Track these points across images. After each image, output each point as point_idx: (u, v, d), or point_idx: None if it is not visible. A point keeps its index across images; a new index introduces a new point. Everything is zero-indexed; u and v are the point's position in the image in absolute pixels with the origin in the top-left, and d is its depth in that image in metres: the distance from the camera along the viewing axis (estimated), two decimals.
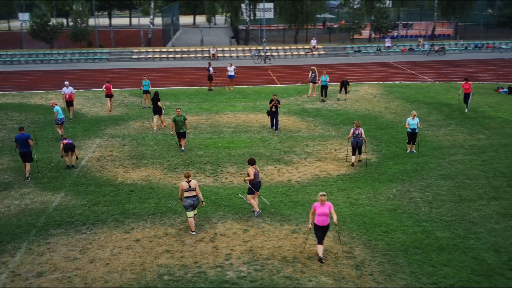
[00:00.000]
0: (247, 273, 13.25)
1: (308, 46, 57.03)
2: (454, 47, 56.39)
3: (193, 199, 15.21)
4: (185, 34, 75.64)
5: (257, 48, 56.69)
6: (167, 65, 51.52)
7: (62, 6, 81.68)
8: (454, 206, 17.09)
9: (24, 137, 19.99)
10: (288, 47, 57.11)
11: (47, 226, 16.07)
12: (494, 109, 30.32)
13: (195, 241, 14.99)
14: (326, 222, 13.54)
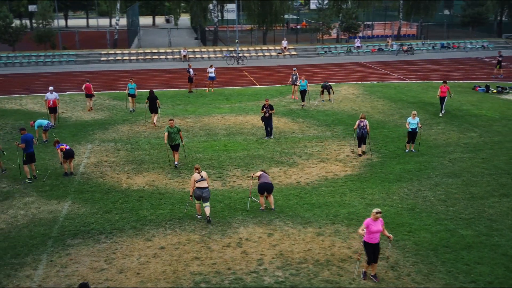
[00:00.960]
0: (284, 278, 13.10)
1: (278, 47, 57.09)
2: (421, 46, 57.53)
3: (203, 190, 15.80)
4: (146, 35, 74.43)
5: (228, 49, 56.40)
6: (139, 67, 50.68)
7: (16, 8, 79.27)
8: (468, 203, 17.35)
9: (31, 137, 19.85)
10: (259, 48, 57.06)
11: (63, 236, 15.49)
12: (477, 107, 31.03)
13: (222, 246, 14.73)
14: (377, 240, 12.65)
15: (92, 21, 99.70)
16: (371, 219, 12.56)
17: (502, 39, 62.69)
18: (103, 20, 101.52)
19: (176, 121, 28.16)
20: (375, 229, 12.48)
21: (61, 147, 20.47)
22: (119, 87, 39.23)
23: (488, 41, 59.79)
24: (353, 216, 16.46)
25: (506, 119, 28.05)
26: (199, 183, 15.90)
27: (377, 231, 12.53)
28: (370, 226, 12.51)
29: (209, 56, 54.98)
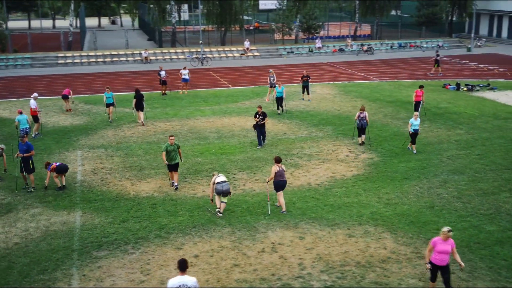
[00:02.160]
0: (332, 281, 12.97)
1: (241, 47, 56.91)
2: (380, 46, 58.66)
3: (223, 184, 16.20)
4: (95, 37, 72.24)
5: (190, 50, 55.76)
6: (100, 69, 49.35)
7: None
8: (483, 199, 17.76)
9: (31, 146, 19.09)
10: (221, 49, 56.69)
11: (86, 248, 14.80)
12: (454, 104, 31.89)
13: (257, 252, 14.46)
14: (446, 261, 11.58)
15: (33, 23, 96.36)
16: (439, 238, 11.59)
17: (455, 38, 64.76)
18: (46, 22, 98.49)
19: (160, 125, 27.71)
20: (442, 249, 11.47)
21: (52, 166, 19.29)
22: (88, 90, 38.09)
23: (443, 40, 61.63)
24: (377, 216, 16.52)
25: (486, 116, 28.93)
26: (218, 178, 16.37)
27: (443, 251, 11.49)
28: (438, 245, 11.53)
29: (171, 58, 54.22)
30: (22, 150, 19.11)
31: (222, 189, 16.31)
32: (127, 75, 45.69)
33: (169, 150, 18.62)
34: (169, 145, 18.65)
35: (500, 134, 25.37)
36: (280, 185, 16.78)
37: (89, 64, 52.24)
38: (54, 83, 42.07)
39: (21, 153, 19.00)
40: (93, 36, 69.84)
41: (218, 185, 16.31)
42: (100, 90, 38.06)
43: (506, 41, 62.06)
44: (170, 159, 18.71)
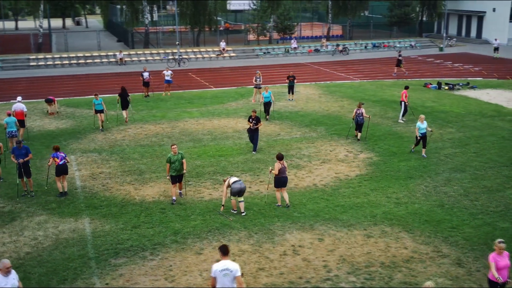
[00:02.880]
0: (361, 283, 12.95)
1: (216, 48, 56.60)
2: (355, 47, 59.18)
3: (239, 182, 16.36)
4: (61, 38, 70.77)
5: (165, 51, 55.16)
6: (74, 71, 48.35)
7: None
8: (490, 197, 18.03)
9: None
10: (197, 50, 56.25)
11: (103, 256, 14.41)
12: (439, 103, 32.38)
13: (279, 255, 14.33)
14: (506, 277, 10.99)
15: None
16: (495, 253, 10.98)
17: (426, 38, 65.86)
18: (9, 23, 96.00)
19: (150, 128, 27.30)
20: (503, 264, 10.89)
21: (55, 158, 18.79)
22: (67, 93, 37.29)
23: (415, 40, 62.59)
24: (391, 216, 16.59)
25: (473, 114, 29.46)
26: (232, 179, 16.49)
27: (504, 267, 10.91)
28: (497, 262, 10.86)
29: (147, 59, 53.51)
30: (20, 155, 18.49)
31: (241, 187, 16.36)
32: (104, 77, 44.90)
33: (173, 161, 17.36)
34: (172, 155, 17.40)
35: (491, 132, 25.84)
36: (282, 182, 17.07)
37: (62, 66, 51.14)
38: (30, 86, 41.03)
39: (20, 158, 18.37)
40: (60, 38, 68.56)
41: (235, 184, 16.38)
42: (80, 93, 37.43)
43: (475, 41, 63.46)
44: (174, 170, 17.41)
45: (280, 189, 17.27)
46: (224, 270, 10.09)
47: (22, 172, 18.43)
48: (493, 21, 61.01)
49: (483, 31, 62.87)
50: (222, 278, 10.09)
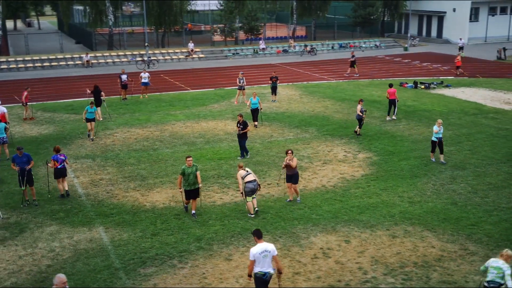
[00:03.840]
0: (400, 284, 12.99)
1: (184, 49, 55.97)
2: (322, 47, 59.63)
3: (253, 183, 16.37)
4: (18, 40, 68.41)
5: (132, 52, 54.18)
6: (41, 75, 46.86)
7: None
8: (497, 193, 18.44)
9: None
10: (165, 51, 55.47)
11: (130, 265, 13.96)
12: (420, 102, 32.95)
13: (310, 259, 14.22)
14: None
15: None
16: None
17: (389, 38, 67.03)
18: None
19: (138, 131, 26.75)
20: None
21: (55, 161, 18.26)
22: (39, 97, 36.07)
23: (379, 40, 63.61)
24: (409, 216, 16.73)
25: (456, 112, 30.11)
26: (247, 177, 16.42)
27: None
28: None
29: (114, 61, 52.39)
30: (22, 162, 17.76)
31: (253, 187, 16.49)
32: (73, 80, 43.66)
33: (187, 173, 16.28)
34: (186, 167, 16.31)
35: (478, 130, 26.44)
36: (289, 176, 17.42)
37: (27, 70, 49.55)
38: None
39: (23, 166, 17.68)
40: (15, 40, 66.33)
41: (250, 183, 16.47)
42: (52, 97, 36.34)
43: (436, 40, 65.02)
44: (189, 184, 16.32)
45: (290, 184, 17.57)
46: (263, 252, 10.95)
47: (24, 181, 17.60)
48: (454, 21, 62.65)
49: (444, 31, 64.47)
50: (262, 259, 10.95)
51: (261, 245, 11.12)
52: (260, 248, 11.04)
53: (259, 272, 11.08)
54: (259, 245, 11.11)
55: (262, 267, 11.06)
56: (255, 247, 11.12)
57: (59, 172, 18.48)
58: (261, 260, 10.99)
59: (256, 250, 11.02)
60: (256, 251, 11.01)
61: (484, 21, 62.41)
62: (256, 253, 10.99)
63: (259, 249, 11.04)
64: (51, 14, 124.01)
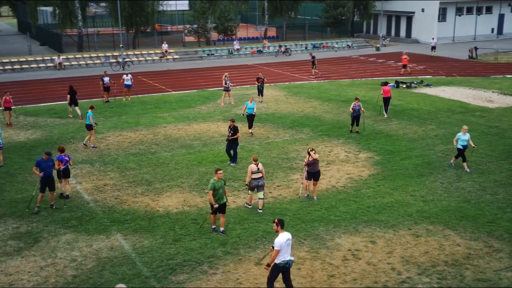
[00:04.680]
0: (436, 283, 13.07)
1: (158, 50, 55.26)
2: (295, 47, 59.80)
3: (259, 180, 16.74)
4: None
5: (106, 54, 53.15)
6: (10, 78, 45.39)
7: None
8: (507, 190, 18.80)
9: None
10: (139, 52, 54.63)
11: (160, 273, 13.64)
12: (405, 101, 33.38)
13: (341, 261, 14.18)
14: None
15: None
16: None
17: (360, 38, 67.76)
18: None
19: (130, 135, 26.29)
20: None
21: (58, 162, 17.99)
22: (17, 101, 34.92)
23: (351, 40, 64.23)
24: (426, 214, 16.87)
25: (443, 111, 30.62)
26: (255, 175, 16.79)
27: None
28: None
29: (87, 63, 51.29)
30: (48, 167, 17.25)
31: (258, 184, 16.86)
32: (48, 82, 42.57)
33: (217, 188, 15.24)
34: (216, 181, 15.25)
35: (470, 128, 26.60)
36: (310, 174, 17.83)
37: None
38: None
39: (49, 171, 17.30)
40: None
41: (255, 180, 16.86)
42: (31, 101, 35.31)
43: (405, 40, 66.09)
44: (218, 198, 15.36)
45: (311, 181, 18.00)
46: (287, 240, 11.58)
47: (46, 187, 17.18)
48: (422, 21, 63.80)
49: (413, 31, 65.57)
50: (286, 247, 11.53)
51: (284, 234, 11.61)
52: (284, 237, 11.50)
53: (282, 261, 11.51)
54: (283, 234, 11.58)
55: (285, 255, 11.53)
56: (280, 236, 11.52)
57: (63, 172, 18.22)
58: (285, 248, 11.45)
59: (281, 240, 11.45)
60: (282, 241, 11.44)
61: (451, 21, 63.79)
62: (282, 242, 11.42)
63: (284, 238, 11.49)
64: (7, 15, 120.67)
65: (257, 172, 16.88)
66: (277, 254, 11.46)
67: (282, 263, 11.55)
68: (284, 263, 11.55)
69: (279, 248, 11.41)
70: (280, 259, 11.53)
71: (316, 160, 17.83)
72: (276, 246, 11.43)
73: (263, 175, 17.03)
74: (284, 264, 11.56)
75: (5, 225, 16.50)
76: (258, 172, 16.92)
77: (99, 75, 42.89)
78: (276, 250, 11.43)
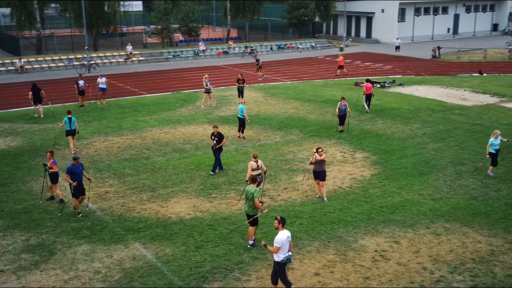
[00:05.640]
0: (470, 280, 13.27)
1: (123, 52, 54.17)
2: (260, 48, 59.78)
3: (259, 176, 16.97)
4: None
5: (68, 57, 51.71)
6: None
7: None
8: (509, 186, 19.30)
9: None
10: (103, 54, 53.36)
11: (193, 282, 13.34)
12: (384, 101, 33.86)
13: (371, 262, 14.19)
14: None
15: None
16: None
17: (324, 39, 68.39)
18: None
19: (117, 140, 25.78)
20: None
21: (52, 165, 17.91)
22: None
23: (314, 41, 64.74)
24: (439, 212, 17.12)
25: (424, 110, 31.22)
26: (255, 171, 17.11)
27: None
28: None
29: (49, 66, 49.76)
30: (80, 172, 16.89)
31: (259, 181, 16.95)
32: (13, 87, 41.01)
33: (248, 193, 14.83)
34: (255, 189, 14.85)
35: (454, 126, 27.56)
36: (315, 173, 18.05)
37: None
38: None
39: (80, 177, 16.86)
40: None
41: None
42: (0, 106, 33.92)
43: (366, 40, 67.16)
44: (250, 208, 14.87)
45: (317, 181, 18.20)
46: (287, 238, 11.97)
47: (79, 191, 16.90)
48: (382, 21, 64.98)
49: (373, 31, 66.68)
50: (286, 244, 11.90)
51: (285, 232, 12.03)
52: (285, 235, 11.96)
53: (284, 258, 11.87)
54: (283, 232, 12.00)
55: (285, 252, 11.89)
56: (280, 234, 11.92)
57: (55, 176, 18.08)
58: (285, 245, 11.85)
59: (282, 237, 11.87)
60: (283, 238, 11.87)
61: (410, 21, 65.21)
62: (283, 239, 11.83)
63: (284, 235, 11.93)
64: None
65: (257, 169, 17.23)
66: (277, 251, 11.80)
67: (284, 260, 11.89)
68: (285, 259, 11.89)
69: (280, 245, 11.77)
70: (281, 256, 11.87)
71: (322, 160, 17.87)
72: (277, 243, 11.78)
73: (264, 171, 17.60)
74: (286, 260, 11.92)
75: (12, 238, 15.73)
76: (258, 169, 17.28)
77: (65, 79, 41.92)
78: (277, 247, 11.77)
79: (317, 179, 18.27)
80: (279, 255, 11.90)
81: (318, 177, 18.16)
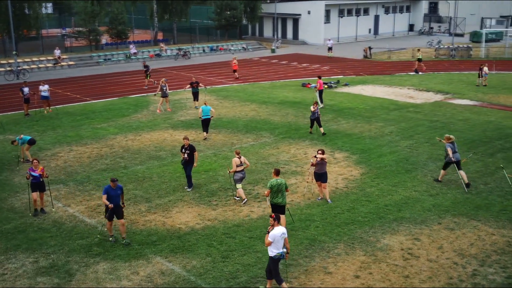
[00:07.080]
0: (502, 272, 13.75)
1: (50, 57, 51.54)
2: (193, 50, 59.04)
3: (242, 172, 18.05)
4: None
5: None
6: None
7: None
8: (494, 179, 20.14)
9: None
10: (29, 59, 50.52)
11: None
12: (336, 101, 34.45)
13: (402, 260, 14.40)
14: None
15: None
16: None
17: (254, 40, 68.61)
18: None
19: (83, 150, 24.75)
20: None
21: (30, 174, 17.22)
22: None
23: (245, 43, 64.81)
24: (443, 208, 17.65)
25: (378, 109, 32.07)
26: (239, 168, 17.91)
27: None
28: None
29: None
30: (117, 195, 15.43)
31: (243, 176, 18.10)
32: None
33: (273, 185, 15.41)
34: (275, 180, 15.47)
35: (415, 123, 28.54)
36: (317, 175, 18.10)
37: None
38: None
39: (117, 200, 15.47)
40: None
41: (239, 173, 18.00)
42: None
43: (294, 42, 68.19)
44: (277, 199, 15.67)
45: (319, 183, 18.24)
46: (282, 234, 12.34)
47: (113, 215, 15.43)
48: (309, 23, 66.22)
49: (299, 32, 67.80)
50: (280, 240, 12.27)
51: (279, 228, 12.37)
52: (279, 231, 12.29)
53: (277, 253, 12.25)
54: (278, 228, 12.34)
55: (278, 248, 12.25)
56: (275, 230, 12.24)
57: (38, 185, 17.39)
58: (279, 241, 12.21)
59: (276, 233, 12.23)
60: (277, 233, 12.23)
61: (335, 22, 66.94)
62: (276, 235, 12.20)
63: (279, 231, 12.28)
64: None
65: (240, 166, 17.88)
66: (269, 244, 12.22)
67: (277, 255, 12.26)
68: (278, 254, 12.26)
69: (272, 240, 12.16)
70: (275, 252, 12.24)
71: (324, 161, 17.95)
72: (271, 238, 12.17)
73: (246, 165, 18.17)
74: (279, 256, 12.28)
75: (18, 261, 14.51)
76: (241, 165, 17.93)
77: None
78: (269, 241, 12.17)
79: (318, 181, 18.25)
80: (273, 250, 12.23)
81: (320, 179, 18.16)
